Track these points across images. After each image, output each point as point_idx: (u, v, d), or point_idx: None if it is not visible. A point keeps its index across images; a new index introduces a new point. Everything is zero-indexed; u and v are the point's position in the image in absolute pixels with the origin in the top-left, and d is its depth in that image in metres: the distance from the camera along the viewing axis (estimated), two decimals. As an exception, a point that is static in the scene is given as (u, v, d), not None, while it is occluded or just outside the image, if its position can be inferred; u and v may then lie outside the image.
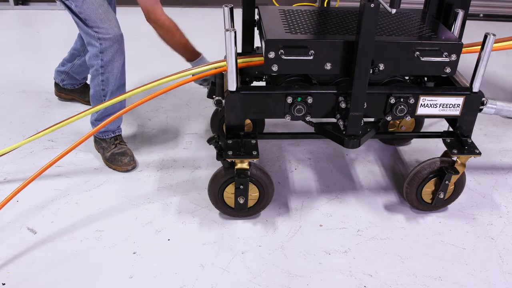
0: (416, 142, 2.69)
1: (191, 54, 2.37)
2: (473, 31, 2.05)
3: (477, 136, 2.78)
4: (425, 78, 2.31)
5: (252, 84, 2.35)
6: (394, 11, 1.62)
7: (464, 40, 2.06)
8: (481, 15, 4.37)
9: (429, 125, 2.81)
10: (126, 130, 2.73)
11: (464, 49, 2.10)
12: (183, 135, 2.71)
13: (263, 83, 2.32)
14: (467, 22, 2.19)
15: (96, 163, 2.48)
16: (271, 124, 2.69)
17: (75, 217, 2.15)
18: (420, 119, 2.60)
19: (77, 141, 2.14)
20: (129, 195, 2.27)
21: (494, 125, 2.90)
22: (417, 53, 1.91)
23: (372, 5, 1.71)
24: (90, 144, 2.57)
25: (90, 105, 2.45)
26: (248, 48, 2.28)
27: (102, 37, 2.25)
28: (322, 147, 2.62)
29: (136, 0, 2.20)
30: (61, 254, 1.98)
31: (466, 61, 2.36)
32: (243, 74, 2.27)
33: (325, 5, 3.23)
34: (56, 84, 2.97)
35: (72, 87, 2.94)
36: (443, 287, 1.90)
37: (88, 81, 2.80)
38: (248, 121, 2.48)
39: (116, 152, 2.43)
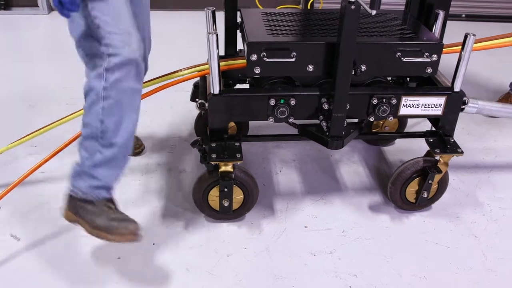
0: (400, 142, 2.71)
1: None
2: (455, 32, 2.07)
3: (460, 135, 2.81)
4: (408, 79, 2.32)
5: (235, 87, 2.35)
6: (374, 12, 1.63)
7: (446, 41, 2.08)
8: (463, 15, 4.41)
9: (412, 125, 2.83)
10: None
11: (445, 49, 2.12)
12: (168, 138, 2.70)
13: (246, 86, 2.32)
14: (449, 22, 2.21)
15: (80, 168, 2.46)
16: (256, 126, 2.69)
17: (59, 223, 2.13)
18: (403, 119, 2.62)
19: (60, 146, 2.13)
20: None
21: (477, 124, 2.93)
22: (399, 53, 1.92)
23: (353, 7, 1.72)
24: (74, 150, 2.54)
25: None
26: (231, 51, 2.28)
27: (114, 53, 1.68)
28: (306, 148, 2.63)
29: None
30: (45, 260, 1.96)
31: (448, 61, 2.37)
32: (226, 76, 2.27)
33: (308, 7, 3.23)
34: None
35: None
36: (428, 286, 1.91)
37: None
38: (232, 123, 2.48)
39: (114, 217, 1.80)
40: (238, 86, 2.33)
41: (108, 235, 1.79)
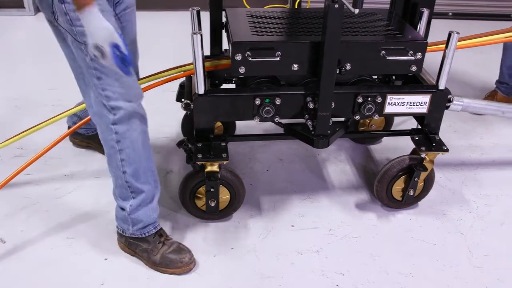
0: (387, 140, 2.71)
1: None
2: (442, 30, 2.08)
3: (447, 132, 2.82)
4: (393, 77, 2.33)
5: (221, 87, 2.35)
6: (357, 11, 1.63)
7: (434, 39, 2.09)
8: (450, 13, 4.43)
9: (399, 123, 2.83)
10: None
11: (429, 48, 2.13)
12: (155, 139, 2.69)
13: (233, 85, 2.31)
14: (436, 21, 2.22)
15: (66, 170, 2.45)
16: (243, 126, 2.68)
17: (46, 225, 2.12)
18: (390, 118, 2.62)
19: (45, 148, 2.12)
20: (101, 201, 2.25)
21: (463, 121, 2.94)
22: (383, 52, 1.92)
23: (336, 6, 1.72)
24: (60, 151, 2.53)
25: None
26: (216, 51, 2.27)
27: (116, 105, 1.72)
28: (293, 148, 2.63)
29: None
30: (31, 263, 1.95)
31: (434, 59, 2.38)
32: (212, 76, 2.27)
33: (296, 6, 3.24)
34: (69, 127, 2.49)
35: (86, 133, 2.54)
36: (415, 283, 1.92)
37: None
38: (218, 123, 2.48)
39: (168, 252, 1.93)
40: (224, 86, 2.34)
41: (167, 269, 1.93)
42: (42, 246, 2.03)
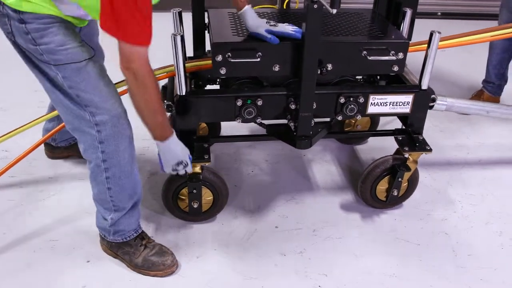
0: (373, 141, 2.71)
1: (163, 131, 1.75)
2: (431, 29, 2.08)
3: (433, 132, 2.82)
4: (378, 77, 2.33)
5: (205, 88, 2.34)
6: (335, 11, 1.63)
7: (421, 38, 2.08)
8: (439, 13, 4.43)
9: (386, 123, 2.83)
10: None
11: (411, 48, 2.13)
12: (140, 140, 2.64)
13: (217, 86, 2.31)
14: (425, 20, 2.21)
15: (50, 172, 2.44)
16: (229, 126, 2.67)
17: (29, 228, 2.11)
18: (375, 118, 2.62)
19: (29, 149, 2.11)
20: (84, 203, 2.24)
21: (450, 121, 2.94)
22: (365, 52, 1.92)
23: (316, 6, 1.72)
24: (44, 154, 2.53)
25: None
26: (200, 52, 2.26)
27: (101, 121, 1.66)
28: (279, 148, 2.62)
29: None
30: (13, 265, 1.94)
31: (417, 58, 2.38)
32: (196, 77, 2.26)
33: (284, 7, 3.23)
34: (47, 144, 2.49)
35: (67, 144, 2.48)
36: (398, 284, 1.92)
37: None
38: (203, 124, 2.47)
39: (150, 254, 1.92)
40: (208, 87, 2.33)
41: (149, 272, 1.92)
42: (24, 248, 2.02)
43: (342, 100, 2.00)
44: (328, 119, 2.21)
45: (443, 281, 1.93)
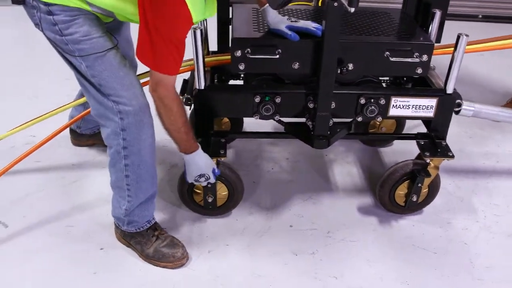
0: (397, 144, 2.65)
1: (187, 146, 1.87)
2: (471, 33, 2.00)
3: (462, 138, 2.74)
4: (404, 79, 2.28)
5: (229, 83, 2.34)
6: (353, 10, 1.60)
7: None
8: (480, 16, 4.29)
9: (413, 127, 2.76)
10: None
11: (437, 50, 2.08)
12: (162, 133, 2.69)
13: (241, 82, 2.30)
14: (466, 23, 2.13)
15: (74, 160, 2.49)
16: (253, 123, 2.67)
17: (48, 212, 2.16)
18: (401, 121, 2.56)
19: (53, 133, 2.15)
20: (104, 191, 2.26)
21: (480, 128, 2.85)
22: (387, 53, 1.88)
23: (336, 4, 1.69)
24: (69, 141, 2.58)
25: None
26: (223, 47, 2.26)
27: (124, 110, 1.70)
28: (301, 147, 2.58)
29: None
30: (29, 248, 1.99)
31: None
32: (219, 72, 2.26)
33: (320, 5, 3.20)
34: (72, 131, 2.55)
35: (92, 132, 2.52)
36: (409, 292, 1.87)
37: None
38: (226, 119, 2.47)
39: (161, 245, 1.94)
40: (231, 82, 2.32)
41: (158, 263, 1.93)
42: (41, 232, 2.07)
43: (362, 101, 1.96)
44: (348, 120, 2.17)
45: (457, 292, 1.88)
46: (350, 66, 1.90)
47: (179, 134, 1.80)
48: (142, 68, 1.91)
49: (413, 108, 2.02)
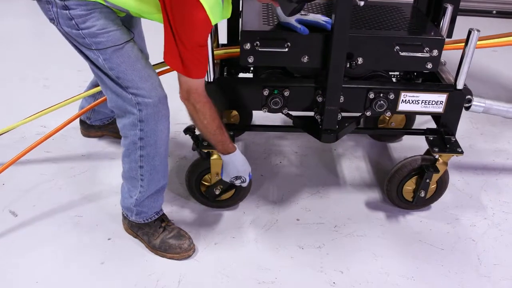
0: (407, 139, 2.64)
1: (224, 147, 1.89)
2: (485, 28, 1.97)
3: (473, 134, 2.72)
4: (415, 74, 2.26)
5: (238, 76, 2.34)
6: (362, 3, 1.59)
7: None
8: (494, 11, 4.25)
9: (424, 122, 2.74)
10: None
11: (448, 46, 2.06)
12: (173, 124, 2.68)
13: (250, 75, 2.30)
14: (480, 18, 2.10)
15: (83, 150, 2.50)
16: (262, 116, 2.67)
17: (57, 202, 2.18)
18: (411, 116, 2.54)
19: (63, 123, 2.16)
20: (112, 182, 2.29)
21: (492, 124, 2.82)
22: (397, 47, 1.87)
23: (346, -2, 1.68)
24: (79, 132, 2.60)
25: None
26: (234, 40, 2.26)
27: (143, 102, 1.71)
28: (310, 141, 2.59)
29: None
30: (38, 238, 2.01)
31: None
32: (228, 65, 2.26)
33: None
34: (82, 122, 2.57)
35: (101, 123, 2.55)
36: (414, 287, 1.86)
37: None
38: (235, 112, 2.47)
39: (168, 237, 1.96)
40: (241, 75, 2.32)
41: (165, 254, 1.94)
42: (50, 222, 2.08)
43: (371, 96, 1.96)
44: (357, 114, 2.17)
45: (464, 289, 1.87)
46: (360, 60, 1.89)
47: (215, 136, 1.83)
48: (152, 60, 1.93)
49: (422, 103, 2.00)
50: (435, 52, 1.88)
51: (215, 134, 1.82)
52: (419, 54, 1.87)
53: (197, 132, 1.99)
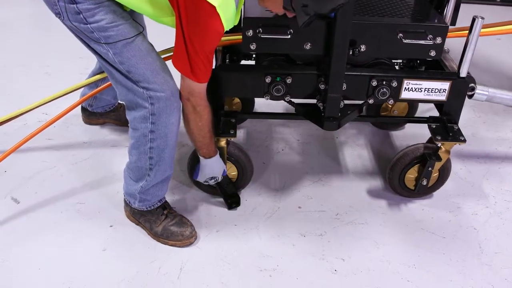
0: (410, 127, 2.63)
1: (208, 151, 1.92)
2: (490, 16, 1.95)
3: (476, 123, 2.71)
4: (418, 62, 2.25)
5: (240, 63, 2.32)
6: (365, -10, 1.57)
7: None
8: (499, 0, 4.22)
9: (426, 110, 2.73)
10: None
11: (452, 33, 2.05)
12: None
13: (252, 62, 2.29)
14: (484, 7, 2.08)
15: (85, 138, 2.50)
16: (265, 104, 2.66)
17: (59, 189, 2.18)
18: (414, 104, 2.54)
19: (64, 110, 2.15)
20: (114, 169, 2.29)
21: (495, 113, 2.81)
22: (400, 35, 1.85)
23: (349, -16, 1.67)
24: (81, 119, 2.60)
25: (126, 126, 1.89)
26: (236, 26, 2.23)
27: (155, 96, 1.69)
28: (312, 128, 2.58)
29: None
30: (40, 225, 2.01)
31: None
32: (231, 52, 2.25)
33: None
34: (83, 110, 2.57)
35: (103, 110, 2.54)
36: (415, 274, 1.87)
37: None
38: (237, 99, 2.47)
39: (170, 224, 1.96)
40: (243, 62, 2.31)
41: (167, 241, 1.95)
42: (52, 209, 2.09)
43: (374, 83, 1.95)
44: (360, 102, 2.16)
45: (465, 277, 1.87)
46: (363, 48, 1.88)
47: (204, 139, 1.86)
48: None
49: (425, 91, 1.99)
50: (438, 40, 1.87)
51: (205, 137, 1.86)
52: (422, 42, 1.86)
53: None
